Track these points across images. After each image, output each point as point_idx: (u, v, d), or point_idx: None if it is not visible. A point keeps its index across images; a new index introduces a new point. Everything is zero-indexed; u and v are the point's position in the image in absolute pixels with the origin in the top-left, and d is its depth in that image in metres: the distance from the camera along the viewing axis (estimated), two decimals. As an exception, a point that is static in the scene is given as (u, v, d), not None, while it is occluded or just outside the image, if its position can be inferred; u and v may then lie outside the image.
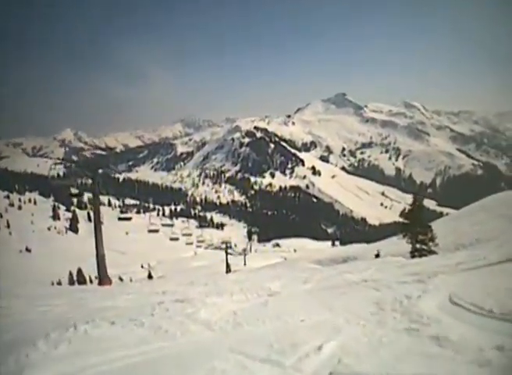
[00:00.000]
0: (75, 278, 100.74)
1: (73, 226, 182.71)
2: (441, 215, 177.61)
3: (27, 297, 15.91)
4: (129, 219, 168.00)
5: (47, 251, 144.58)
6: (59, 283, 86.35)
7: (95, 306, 12.03)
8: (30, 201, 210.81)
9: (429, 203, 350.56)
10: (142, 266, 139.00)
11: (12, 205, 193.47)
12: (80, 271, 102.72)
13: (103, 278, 27.47)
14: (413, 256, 32.78)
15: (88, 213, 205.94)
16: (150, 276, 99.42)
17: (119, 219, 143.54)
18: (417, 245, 34.93)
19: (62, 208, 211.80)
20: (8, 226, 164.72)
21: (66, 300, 14.25)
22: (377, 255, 39.72)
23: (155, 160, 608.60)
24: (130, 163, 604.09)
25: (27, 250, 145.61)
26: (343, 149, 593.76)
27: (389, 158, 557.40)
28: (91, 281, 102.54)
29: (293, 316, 8.64)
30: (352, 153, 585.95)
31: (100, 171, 30.91)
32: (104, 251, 28.07)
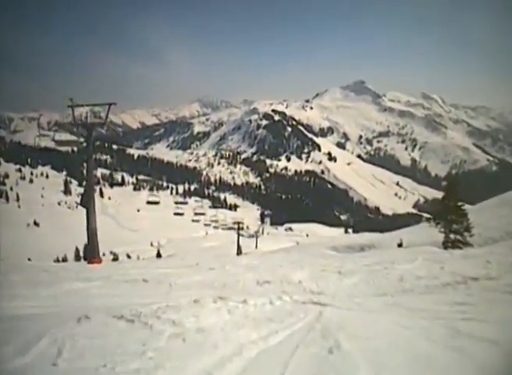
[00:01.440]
0: (81, 254, 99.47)
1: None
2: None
3: None
4: (157, 203, 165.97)
5: (55, 226, 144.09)
6: (64, 260, 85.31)
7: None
8: (42, 174, 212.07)
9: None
10: (152, 244, 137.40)
11: (23, 178, 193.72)
12: (86, 247, 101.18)
13: (92, 256, 25.45)
14: (445, 247, 30.12)
15: (100, 189, 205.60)
16: (158, 255, 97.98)
17: (148, 202, 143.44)
18: (452, 235, 32.53)
19: (75, 183, 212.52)
20: (18, 199, 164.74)
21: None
22: (399, 245, 37.41)
23: (171, 139, 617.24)
24: (146, 141, 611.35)
25: (35, 224, 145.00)
26: (360, 137, 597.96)
27: (406, 148, 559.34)
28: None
29: None
30: (369, 141, 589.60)
31: (98, 131, 28.27)
32: (96, 224, 26.03)
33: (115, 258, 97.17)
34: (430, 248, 22.65)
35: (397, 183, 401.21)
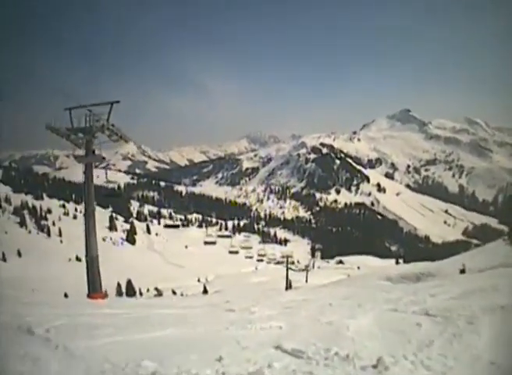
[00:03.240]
0: (123, 290, 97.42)
1: (130, 238, 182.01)
2: (502, 233, 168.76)
3: None
4: (176, 226, 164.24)
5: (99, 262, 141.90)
6: (105, 295, 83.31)
7: None
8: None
9: (491, 221, 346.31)
10: (199, 280, 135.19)
11: (66, 214, 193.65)
12: (129, 282, 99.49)
13: (93, 289, 22.22)
14: None
15: (147, 225, 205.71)
16: (205, 291, 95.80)
17: (165, 226, 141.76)
18: None
19: (121, 219, 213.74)
20: (60, 234, 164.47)
21: None
22: (462, 271, 33.43)
23: (220, 175, 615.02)
24: (194, 178, 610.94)
25: (77, 259, 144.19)
26: (408, 166, 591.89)
27: (453, 175, 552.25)
28: (141, 293, 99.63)
29: None
30: (416, 170, 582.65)
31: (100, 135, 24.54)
32: (97, 252, 22.87)
33: (159, 294, 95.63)
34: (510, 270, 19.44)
35: (446, 211, 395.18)
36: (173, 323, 10.95)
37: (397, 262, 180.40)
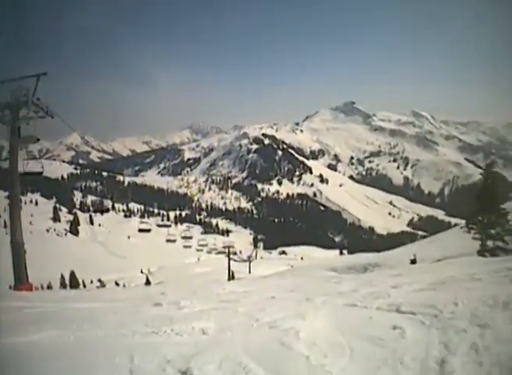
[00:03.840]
0: (67, 282, 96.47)
1: (74, 229, 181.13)
2: (449, 225, 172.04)
3: None
4: (148, 230, 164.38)
5: (43, 253, 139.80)
6: (49, 287, 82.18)
7: None
8: (31, 201, 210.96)
9: (437, 213, 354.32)
10: (142, 271, 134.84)
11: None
12: (72, 274, 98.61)
13: (19, 281, 21.02)
14: (482, 256, 25.49)
15: (90, 216, 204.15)
16: (148, 282, 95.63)
17: (139, 230, 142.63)
18: (489, 242, 28.38)
19: (64, 210, 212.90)
20: (6, 226, 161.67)
21: None
22: (413, 261, 32.50)
23: (162, 165, 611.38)
24: (137, 168, 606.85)
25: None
26: (352, 158, 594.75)
27: (398, 167, 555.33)
28: (84, 285, 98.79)
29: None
30: (360, 162, 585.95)
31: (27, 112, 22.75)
32: (22, 238, 21.58)
33: (103, 286, 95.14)
34: (476, 258, 19.71)
35: (390, 203, 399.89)
36: (70, 322, 8.51)
37: (341, 253, 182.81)
